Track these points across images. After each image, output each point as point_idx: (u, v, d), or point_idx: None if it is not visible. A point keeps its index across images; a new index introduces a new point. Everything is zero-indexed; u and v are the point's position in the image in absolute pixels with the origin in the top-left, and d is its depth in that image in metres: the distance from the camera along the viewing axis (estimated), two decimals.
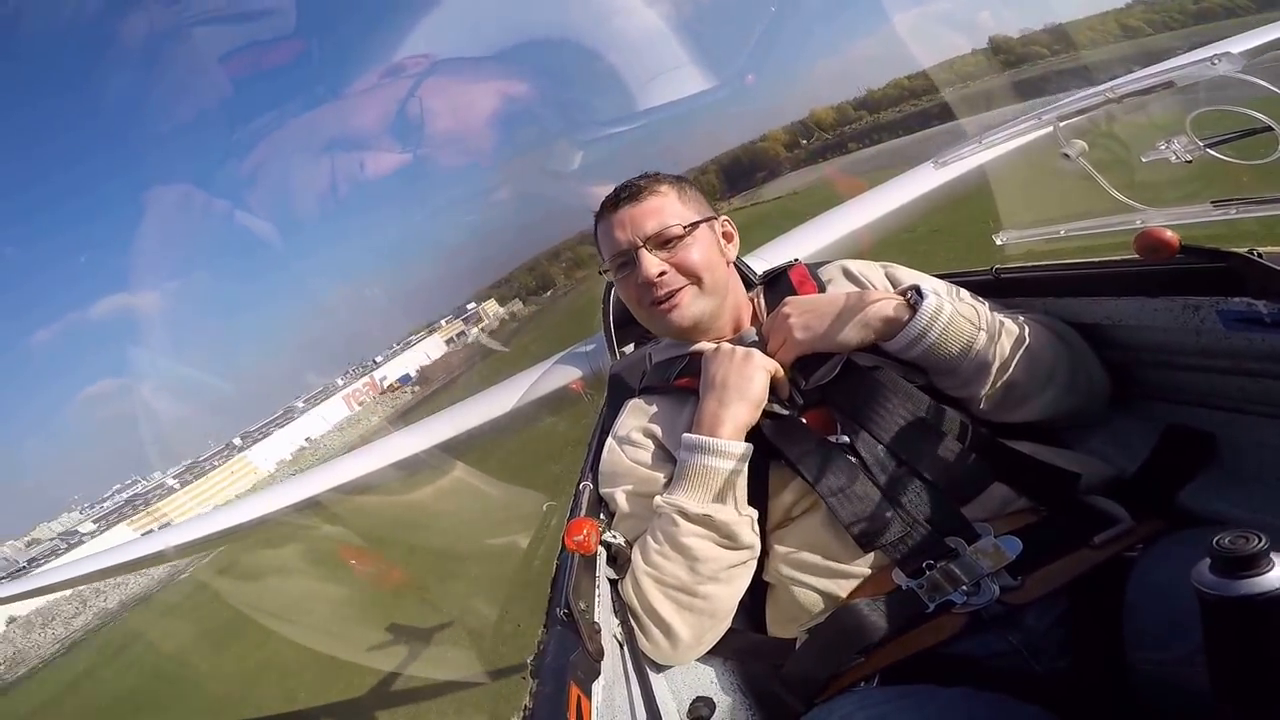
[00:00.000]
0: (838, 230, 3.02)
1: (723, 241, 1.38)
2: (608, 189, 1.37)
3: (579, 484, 1.34)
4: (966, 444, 1.08)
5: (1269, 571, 0.50)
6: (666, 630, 1.06)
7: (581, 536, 1.05)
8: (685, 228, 1.29)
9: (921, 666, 0.90)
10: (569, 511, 1.26)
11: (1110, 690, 0.82)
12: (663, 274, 1.28)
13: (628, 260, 1.31)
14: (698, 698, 1.02)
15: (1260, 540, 0.51)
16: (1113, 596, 0.87)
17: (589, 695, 0.83)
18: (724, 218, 1.41)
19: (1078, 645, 0.87)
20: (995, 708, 0.78)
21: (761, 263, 1.60)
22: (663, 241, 1.29)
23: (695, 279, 1.30)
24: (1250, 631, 0.53)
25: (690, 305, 1.30)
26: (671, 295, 1.30)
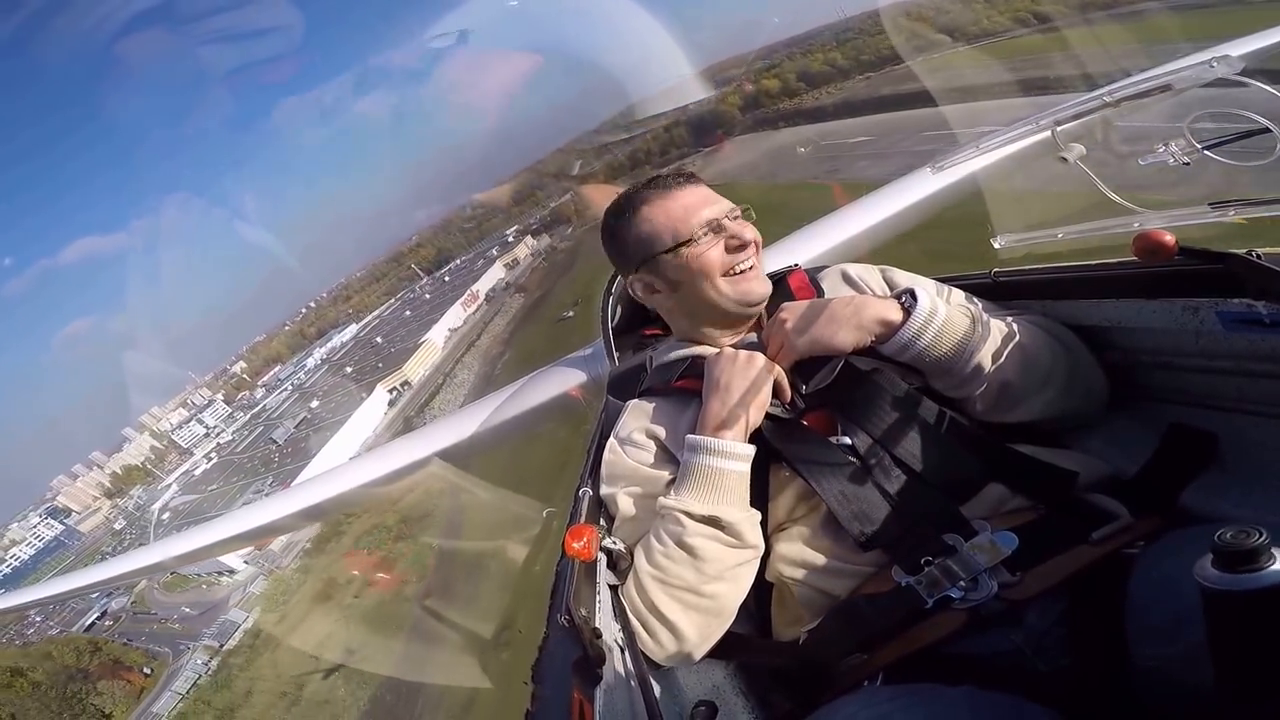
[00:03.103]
0: (835, 235, 3.03)
1: None
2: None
3: (578, 490, 1.34)
4: (964, 444, 1.09)
5: (1270, 566, 0.51)
6: (672, 630, 1.06)
7: (581, 543, 1.05)
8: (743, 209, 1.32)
9: (925, 666, 0.90)
10: (568, 518, 1.26)
11: (1114, 688, 0.82)
12: (755, 240, 1.30)
13: (716, 228, 1.28)
14: (700, 702, 1.01)
15: (1261, 535, 0.52)
16: (1114, 594, 0.87)
17: (591, 700, 0.83)
18: None
19: (1080, 643, 0.87)
20: (1000, 708, 0.78)
21: None
22: (739, 216, 1.31)
23: (757, 254, 1.32)
24: (1253, 624, 0.54)
25: (760, 276, 1.32)
26: (753, 264, 1.31)
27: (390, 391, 50.76)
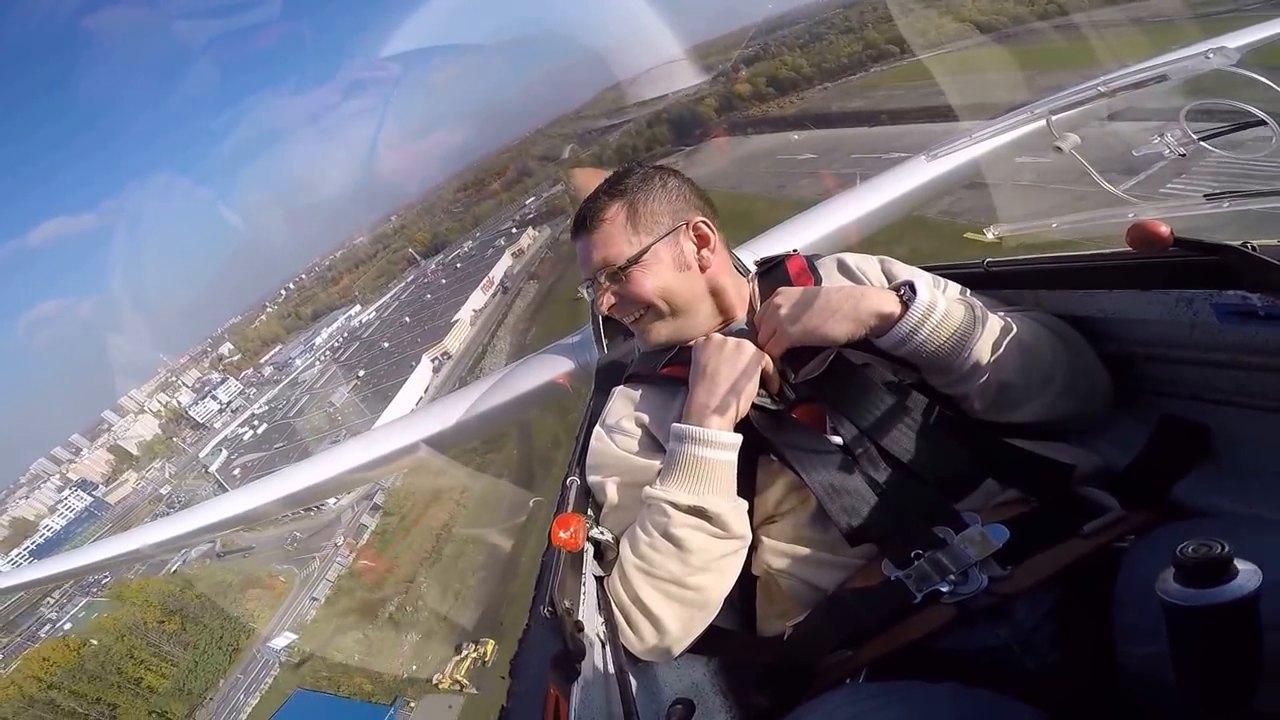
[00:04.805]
0: (829, 223, 3.00)
1: (691, 248, 1.31)
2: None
3: (565, 479, 1.32)
4: (955, 438, 1.07)
5: (1232, 580, 0.51)
6: (655, 623, 1.04)
7: (568, 533, 1.03)
8: (627, 262, 1.28)
9: (910, 661, 0.89)
10: (555, 507, 1.23)
11: (1101, 684, 0.81)
12: (613, 306, 1.31)
13: (589, 288, 1.36)
14: (677, 699, 1.00)
15: (1222, 549, 0.52)
16: (1103, 589, 0.86)
17: (567, 697, 0.81)
18: (697, 219, 1.32)
19: (1068, 640, 0.86)
20: (983, 703, 0.77)
21: (750, 255, 1.57)
22: (611, 275, 1.30)
23: (648, 307, 1.30)
24: (1215, 638, 0.54)
25: (653, 330, 1.32)
26: (633, 320, 1.33)
27: (433, 361, 56.28)
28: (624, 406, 1.29)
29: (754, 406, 1.14)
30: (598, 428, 1.30)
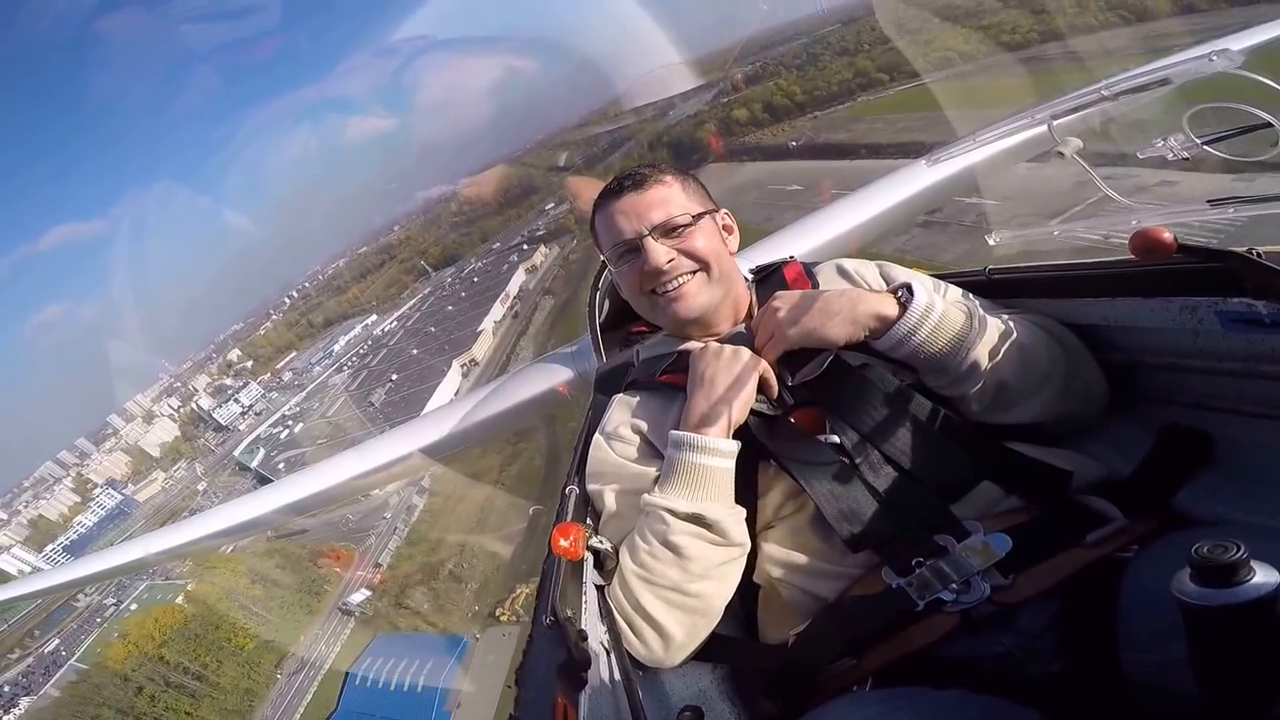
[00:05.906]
0: (830, 229, 3.00)
1: (724, 234, 1.36)
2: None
3: (565, 488, 1.31)
4: (956, 442, 1.06)
5: (1249, 580, 0.50)
6: (659, 630, 1.03)
7: (568, 542, 1.02)
8: (693, 217, 1.28)
9: (916, 670, 0.88)
10: (555, 516, 1.23)
11: (1105, 693, 0.81)
12: (671, 261, 1.26)
13: (631, 249, 1.29)
14: (685, 707, 0.99)
15: (1239, 549, 0.51)
16: (1106, 598, 0.85)
17: (575, 705, 0.80)
18: (724, 211, 1.39)
19: (1071, 648, 0.85)
20: (989, 711, 0.76)
21: (747, 262, 1.57)
22: (669, 230, 1.27)
23: (703, 265, 1.28)
24: (1234, 639, 0.53)
25: (698, 294, 1.28)
26: (679, 285, 1.28)
27: (462, 367, 60.00)
28: (623, 414, 1.28)
29: (752, 412, 1.13)
30: (597, 435, 1.30)
